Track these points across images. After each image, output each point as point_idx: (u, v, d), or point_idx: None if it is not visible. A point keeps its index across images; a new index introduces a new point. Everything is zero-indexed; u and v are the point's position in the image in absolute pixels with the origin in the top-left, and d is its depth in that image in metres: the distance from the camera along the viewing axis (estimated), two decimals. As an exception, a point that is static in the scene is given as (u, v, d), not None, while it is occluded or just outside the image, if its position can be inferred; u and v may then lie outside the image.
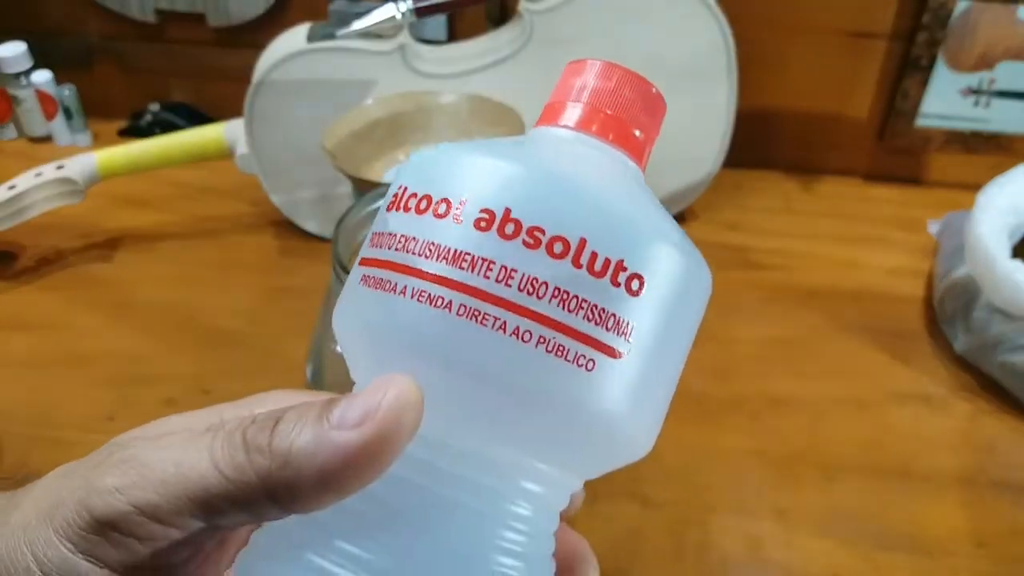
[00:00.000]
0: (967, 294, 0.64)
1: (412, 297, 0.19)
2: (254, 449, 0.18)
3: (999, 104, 0.80)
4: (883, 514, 0.54)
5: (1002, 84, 0.79)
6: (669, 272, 0.21)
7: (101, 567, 0.19)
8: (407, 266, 0.20)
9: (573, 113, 0.23)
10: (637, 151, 0.24)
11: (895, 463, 0.58)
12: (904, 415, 0.61)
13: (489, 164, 0.20)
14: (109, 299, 0.71)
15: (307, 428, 0.18)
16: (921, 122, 0.82)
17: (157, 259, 0.75)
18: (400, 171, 0.22)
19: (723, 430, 0.60)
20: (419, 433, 0.19)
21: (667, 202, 0.78)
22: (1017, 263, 0.60)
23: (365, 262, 0.21)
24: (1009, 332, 0.60)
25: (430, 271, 0.19)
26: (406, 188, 0.21)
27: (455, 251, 0.19)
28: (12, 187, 0.71)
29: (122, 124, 0.92)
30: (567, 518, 0.24)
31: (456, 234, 0.19)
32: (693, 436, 0.59)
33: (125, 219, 0.79)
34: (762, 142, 0.85)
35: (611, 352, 0.19)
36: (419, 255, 0.20)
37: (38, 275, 0.73)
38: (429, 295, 0.19)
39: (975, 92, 0.80)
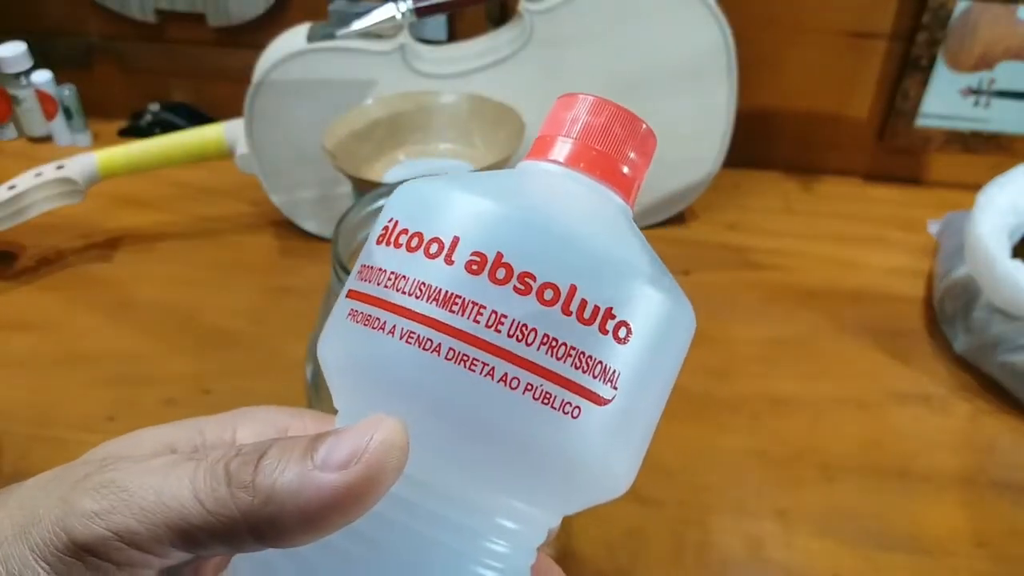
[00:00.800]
0: (967, 294, 0.64)
1: (401, 337, 0.19)
2: (237, 484, 0.18)
3: (999, 104, 0.80)
4: (883, 514, 0.54)
5: (1002, 84, 0.79)
6: (656, 318, 0.21)
7: None
8: (396, 304, 0.20)
9: (563, 148, 0.23)
10: (626, 188, 0.24)
11: (895, 463, 0.58)
12: (904, 415, 0.61)
13: (482, 205, 0.20)
14: (109, 299, 0.71)
15: (291, 466, 0.18)
16: (921, 122, 0.82)
17: (157, 259, 0.75)
18: (390, 203, 0.22)
19: (723, 430, 0.60)
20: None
21: (667, 202, 0.79)
22: (1017, 263, 0.60)
23: (353, 295, 0.21)
24: (1009, 332, 0.60)
25: (420, 311, 0.19)
26: (396, 222, 0.21)
27: (446, 293, 0.19)
28: (12, 187, 0.71)
29: (122, 124, 0.92)
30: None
31: (447, 275, 0.19)
32: (693, 436, 0.59)
33: (125, 219, 0.79)
34: (762, 142, 0.85)
35: (597, 399, 0.20)
36: (409, 294, 0.20)
37: (38, 275, 0.73)
38: (418, 336, 0.19)
39: (975, 92, 0.80)
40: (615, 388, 0.20)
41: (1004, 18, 0.76)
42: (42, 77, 0.86)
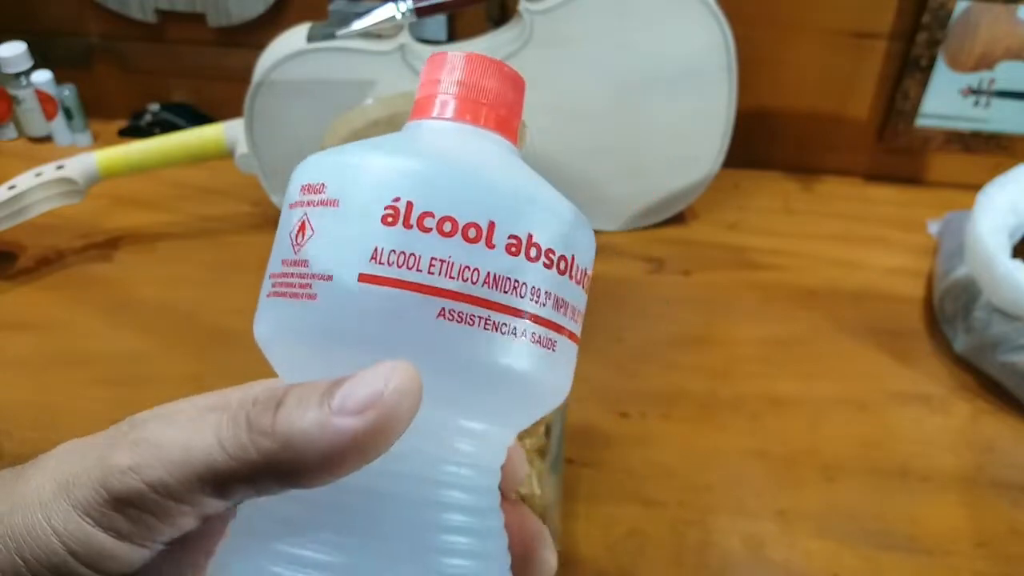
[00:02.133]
0: (967, 294, 0.64)
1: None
2: (257, 431, 0.19)
3: (999, 104, 0.80)
4: (883, 514, 0.54)
5: (1002, 84, 0.79)
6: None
7: (120, 539, 0.20)
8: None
9: (445, 105, 0.24)
10: (507, 129, 0.25)
11: (895, 463, 0.58)
12: (904, 415, 0.61)
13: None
14: (109, 299, 0.71)
15: (309, 411, 0.19)
16: (921, 122, 0.82)
17: (157, 259, 0.75)
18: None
19: (723, 430, 0.60)
20: None
21: (667, 202, 0.79)
22: (1017, 263, 0.60)
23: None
24: (1009, 332, 0.60)
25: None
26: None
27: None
28: (12, 187, 0.71)
29: (122, 124, 0.92)
30: (512, 492, 0.25)
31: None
32: (693, 436, 0.59)
33: (125, 219, 0.79)
34: (762, 142, 0.85)
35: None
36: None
37: (38, 275, 0.73)
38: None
39: (975, 92, 0.80)
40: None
41: (1004, 18, 0.76)
42: (42, 77, 0.86)
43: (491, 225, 0.21)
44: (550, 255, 0.22)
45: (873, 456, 0.58)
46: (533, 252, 0.21)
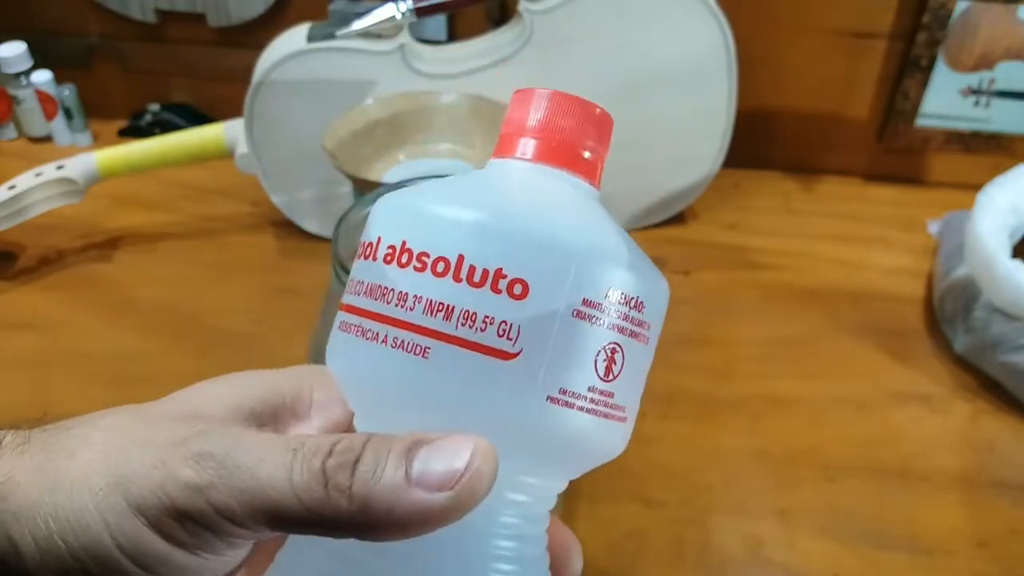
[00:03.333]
0: (967, 294, 0.64)
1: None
2: (334, 487, 0.19)
3: (999, 104, 0.80)
4: (883, 514, 0.54)
5: (1002, 84, 0.79)
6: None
7: (174, 546, 0.20)
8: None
9: (527, 144, 0.24)
10: (589, 171, 0.25)
11: (895, 463, 0.58)
12: (904, 415, 0.61)
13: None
14: (109, 299, 0.71)
15: (387, 475, 0.19)
16: (921, 122, 0.82)
17: (157, 259, 0.75)
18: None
19: (724, 430, 0.60)
20: None
21: (667, 202, 0.79)
22: (1017, 263, 0.60)
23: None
24: (1009, 332, 0.60)
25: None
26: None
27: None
28: (12, 187, 0.71)
29: (122, 124, 0.92)
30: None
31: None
32: (693, 436, 0.59)
33: (125, 219, 0.79)
34: (762, 142, 0.85)
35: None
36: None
37: (38, 275, 0.73)
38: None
39: (975, 92, 0.80)
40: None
41: (1004, 18, 0.76)
42: (42, 77, 0.86)
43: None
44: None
45: (873, 456, 0.58)
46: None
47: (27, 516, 0.20)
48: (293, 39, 0.69)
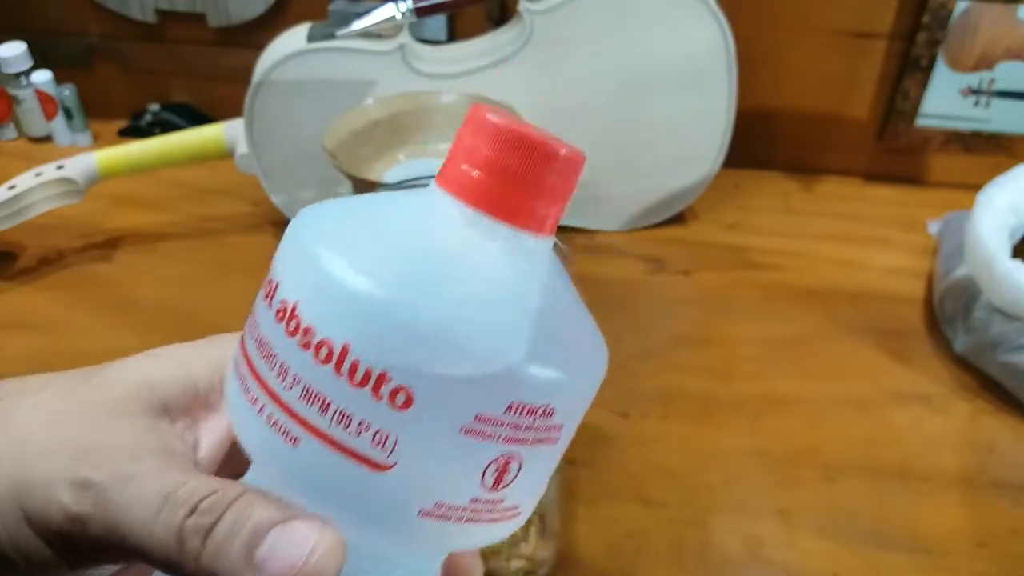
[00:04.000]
0: (967, 294, 0.64)
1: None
2: (187, 551, 0.20)
3: (999, 104, 0.80)
4: (883, 514, 0.54)
5: (1002, 84, 0.79)
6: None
7: (60, 558, 0.21)
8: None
9: (468, 182, 0.20)
10: (539, 223, 0.21)
11: (895, 463, 0.58)
12: (904, 415, 0.61)
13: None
14: (109, 299, 0.71)
15: (233, 553, 0.20)
16: (921, 122, 0.82)
17: (157, 259, 0.75)
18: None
19: (723, 430, 0.60)
20: None
21: (667, 202, 0.79)
22: (1017, 263, 0.60)
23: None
24: (1009, 332, 0.60)
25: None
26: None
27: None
28: (12, 187, 0.71)
29: (122, 124, 0.92)
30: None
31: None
32: (693, 436, 0.59)
33: (125, 219, 0.79)
34: (762, 142, 0.85)
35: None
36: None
37: (38, 275, 0.73)
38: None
39: (975, 92, 0.80)
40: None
41: (1004, 18, 0.76)
42: (42, 77, 0.86)
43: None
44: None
45: (873, 456, 0.58)
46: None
47: None
48: (293, 39, 0.69)
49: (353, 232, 0.20)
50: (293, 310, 0.19)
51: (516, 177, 0.20)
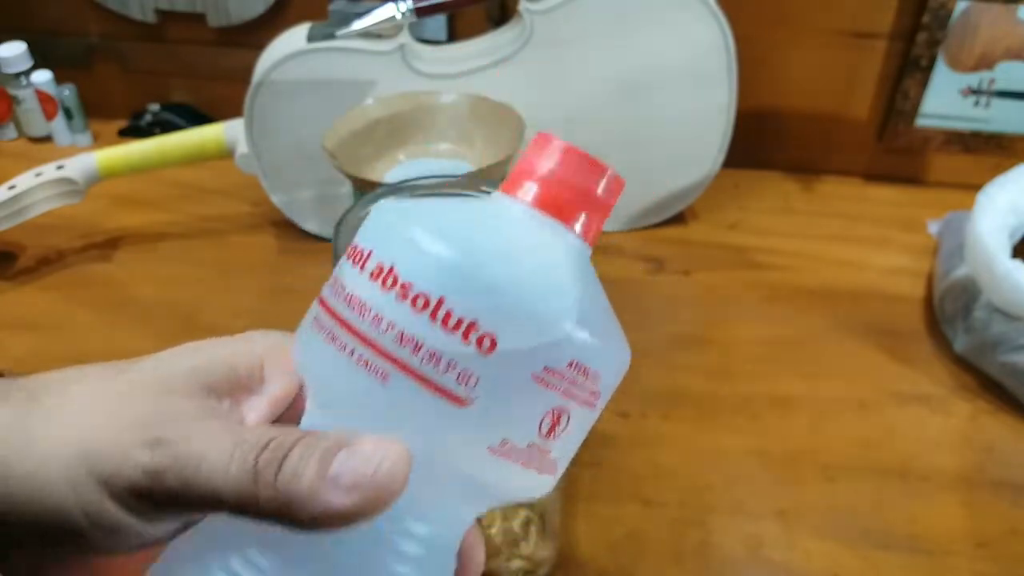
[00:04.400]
0: (967, 294, 0.64)
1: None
2: (262, 483, 0.21)
3: (999, 104, 0.80)
4: (883, 514, 0.54)
5: (1002, 84, 0.79)
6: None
7: (133, 517, 0.22)
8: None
9: (532, 190, 0.24)
10: (586, 229, 0.25)
11: (895, 463, 0.58)
12: (904, 415, 0.61)
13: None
14: (109, 299, 0.71)
15: (307, 475, 0.21)
16: (921, 122, 0.82)
17: (157, 259, 0.75)
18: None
19: (724, 430, 0.60)
20: None
21: (667, 202, 0.79)
22: (1017, 263, 0.60)
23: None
24: (1009, 332, 0.60)
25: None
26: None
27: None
28: (12, 187, 0.71)
29: (122, 124, 0.92)
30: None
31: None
32: (693, 436, 0.59)
33: (125, 219, 0.79)
34: (762, 142, 0.85)
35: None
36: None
37: (38, 275, 0.73)
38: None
39: (975, 92, 0.80)
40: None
41: (1004, 18, 0.76)
42: (42, 77, 0.86)
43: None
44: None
45: (873, 456, 0.58)
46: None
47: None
48: (293, 39, 0.69)
49: (438, 215, 0.24)
50: (391, 270, 0.22)
51: (568, 185, 0.24)
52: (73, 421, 0.23)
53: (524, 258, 0.23)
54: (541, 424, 0.22)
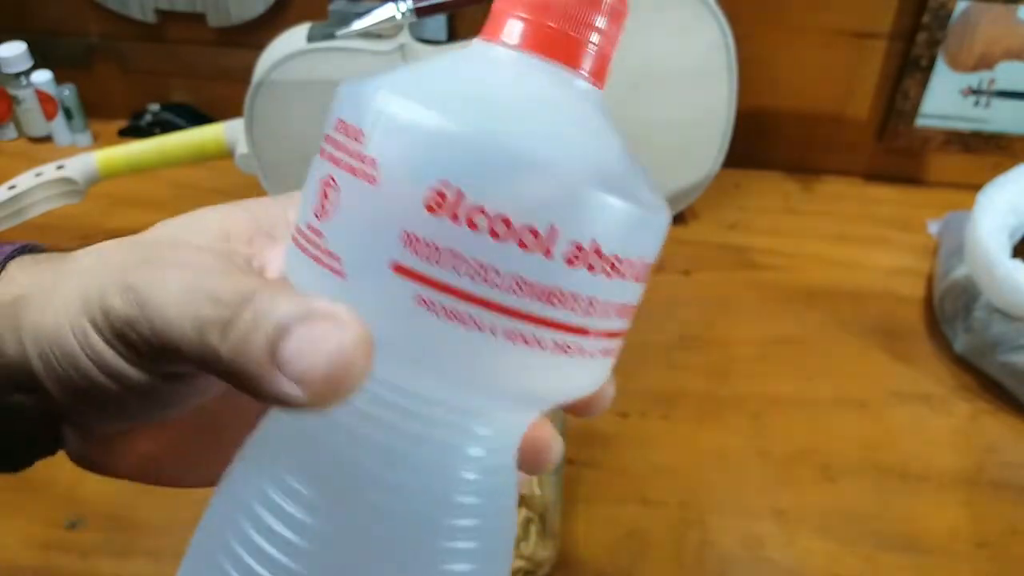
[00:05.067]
0: (967, 294, 0.64)
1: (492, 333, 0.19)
2: (207, 342, 0.19)
3: (999, 104, 0.80)
4: (883, 514, 0.54)
5: (1002, 84, 0.79)
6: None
7: (128, 364, 0.21)
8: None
9: (515, 27, 0.20)
10: (593, 66, 0.21)
11: (895, 463, 0.58)
12: (904, 415, 0.61)
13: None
14: (109, 299, 0.71)
15: (255, 348, 0.18)
16: (921, 122, 0.82)
17: (157, 259, 0.75)
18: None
19: (723, 430, 0.60)
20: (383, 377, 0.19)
21: (667, 202, 0.79)
22: (1017, 263, 0.60)
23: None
24: (1009, 332, 0.60)
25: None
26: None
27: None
28: (12, 187, 0.71)
29: (122, 124, 0.92)
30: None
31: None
32: (693, 436, 0.59)
33: (125, 219, 0.79)
34: (762, 142, 0.85)
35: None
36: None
37: (38, 275, 0.73)
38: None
39: (975, 92, 0.80)
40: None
41: (1004, 18, 0.76)
42: (42, 77, 0.86)
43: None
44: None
45: (873, 456, 0.58)
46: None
47: (29, 331, 0.22)
48: (293, 39, 0.69)
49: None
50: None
51: (564, 15, 0.20)
52: (83, 273, 0.23)
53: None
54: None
